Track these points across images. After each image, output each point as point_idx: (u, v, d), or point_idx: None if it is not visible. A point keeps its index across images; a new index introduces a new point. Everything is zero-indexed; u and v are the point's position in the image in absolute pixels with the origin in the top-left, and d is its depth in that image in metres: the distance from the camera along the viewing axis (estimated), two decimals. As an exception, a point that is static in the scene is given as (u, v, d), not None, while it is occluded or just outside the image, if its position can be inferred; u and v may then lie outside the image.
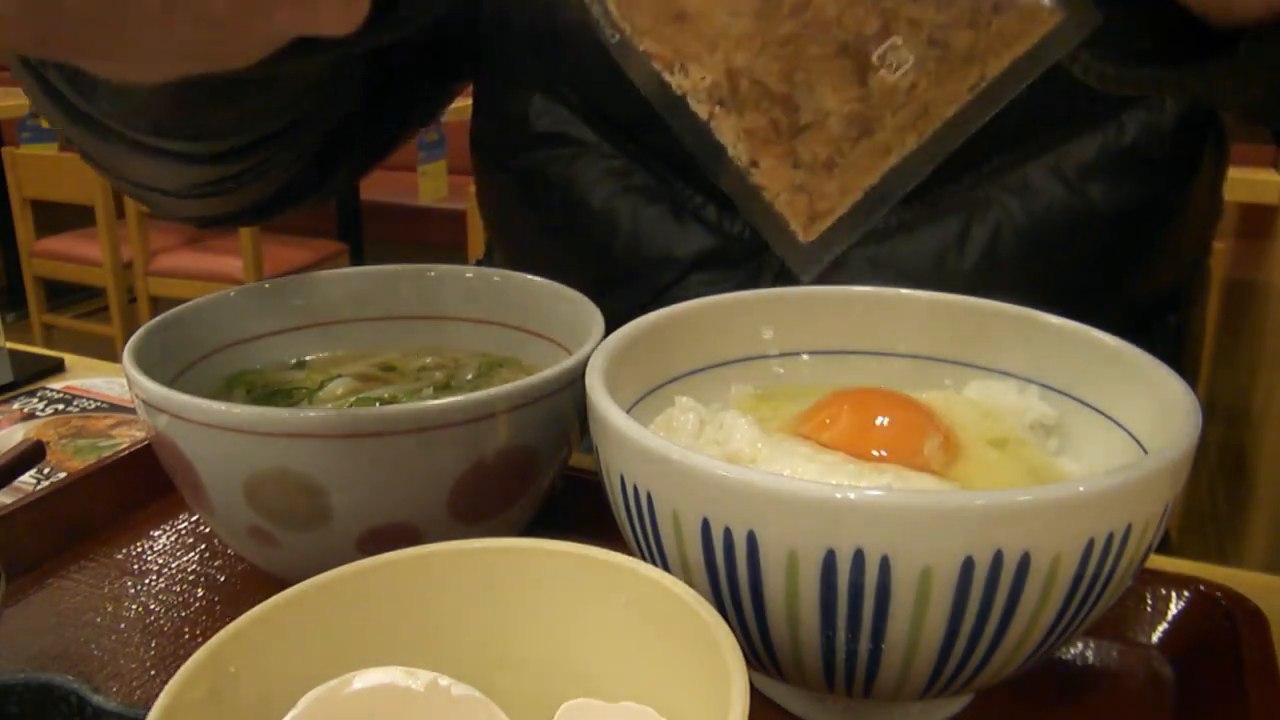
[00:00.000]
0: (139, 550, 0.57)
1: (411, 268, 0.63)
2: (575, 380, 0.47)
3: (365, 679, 0.30)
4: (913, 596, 0.35)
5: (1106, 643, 0.49)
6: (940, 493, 0.39)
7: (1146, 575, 0.49)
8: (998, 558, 0.34)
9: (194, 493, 0.49)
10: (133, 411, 0.77)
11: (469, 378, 0.59)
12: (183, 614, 0.52)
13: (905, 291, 0.53)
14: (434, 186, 2.66)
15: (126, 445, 0.65)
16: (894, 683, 0.38)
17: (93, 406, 0.79)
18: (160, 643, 0.50)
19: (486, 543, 0.35)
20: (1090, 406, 0.48)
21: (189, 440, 0.46)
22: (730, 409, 0.48)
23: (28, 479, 0.67)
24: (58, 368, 0.86)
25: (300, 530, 0.47)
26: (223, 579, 0.55)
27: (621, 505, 0.41)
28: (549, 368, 0.48)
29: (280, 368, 0.60)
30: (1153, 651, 0.49)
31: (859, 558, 0.34)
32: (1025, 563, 0.34)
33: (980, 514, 0.34)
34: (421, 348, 0.62)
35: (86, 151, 0.57)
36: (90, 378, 0.85)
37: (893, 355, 0.53)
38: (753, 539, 0.36)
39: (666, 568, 0.38)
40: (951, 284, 0.53)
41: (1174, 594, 0.50)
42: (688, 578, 0.38)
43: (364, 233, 3.61)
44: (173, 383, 0.51)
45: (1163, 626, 0.49)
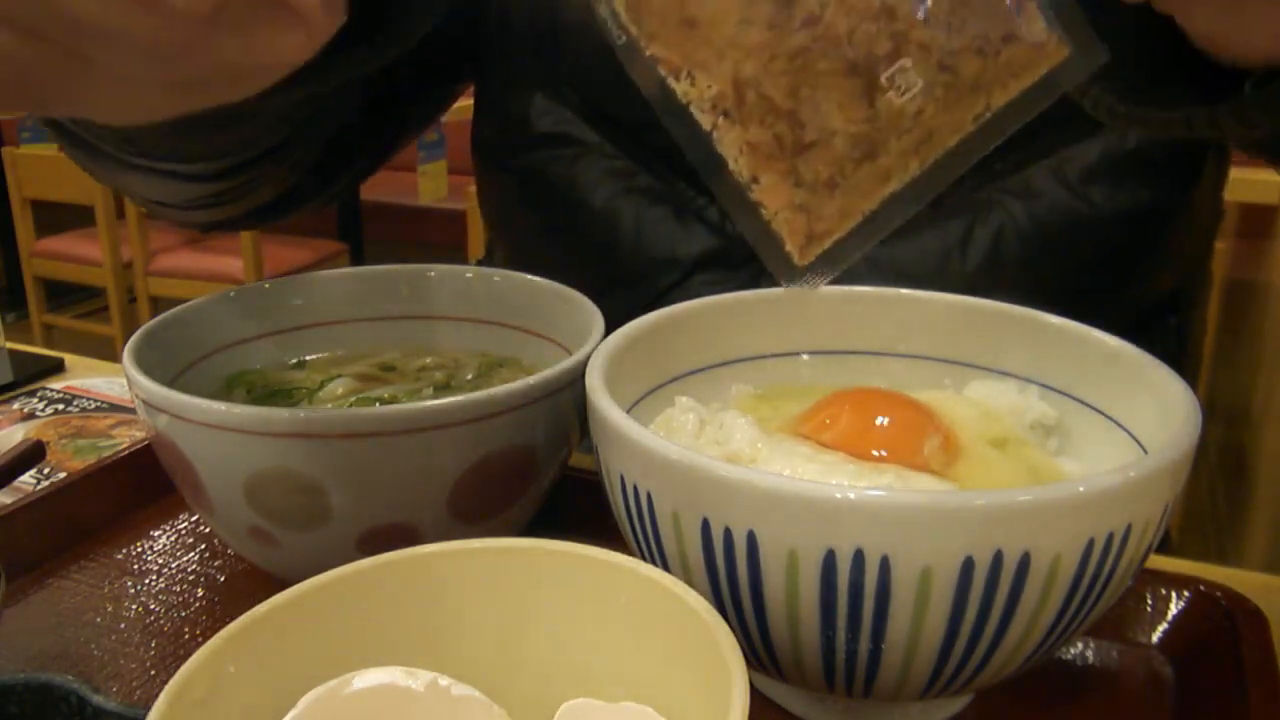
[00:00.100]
0: (139, 550, 0.57)
1: (411, 268, 0.63)
2: (575, 380, 0.47)
3: (365, 679, 0.30)
4: (913, 596, 0.35)
5: (1106, 643, 0.49)
6: (940, 493, 0.39)
7: (1146, 575, 0.49)
8: (998, 558, 0.34)
9: (194, 493, 0.49)
10: (133, 411, 0.77)
11: (469, 378, 0.59)
12: (183, 614, 0.52)
13: (905, 291, 0.53)
14: (434, 186, 2.66)
15: (126, 445, 0.65)
16: (894, 683, 0.38)
17: (93, 406, 0.79)
18: (160, 643, 0.50)
19: (486, 543, 0.35)
20: (1090, 406, 0.48)
21: (189, 440, 0.46)
22: (730, 409, 0.48)
23: (28, 479, 0.67)
24: (58, 368, 0.86)
25: (300, 530, 0.47)
26: (223, 579, 0.55)
27: (621, 505, 0.41)
28: (549, 368, 0.48)
29: (280, 368, 0.60)
30: (1153, 651, 0.49)
31: (859, 558, 0.34)
32: (1025, 563, 0.34)
33: (980, 514, 0.34)
34: (421, 348, 0.62)
35: (87, 167, 0.57)
36: (90, 378, 0.85)
37: (893, 355, 0.53)
38: (753, 539, 0.36)
39: (666, 568, 0.38)
40: (953, 285, 0.53)
41: (1174, 594, 0.50)
42: (688, 578, 0.38)
43: (364, 233, 3.62)
44: (173, 383, 0.51)
45: (1163, 626, 0.49)
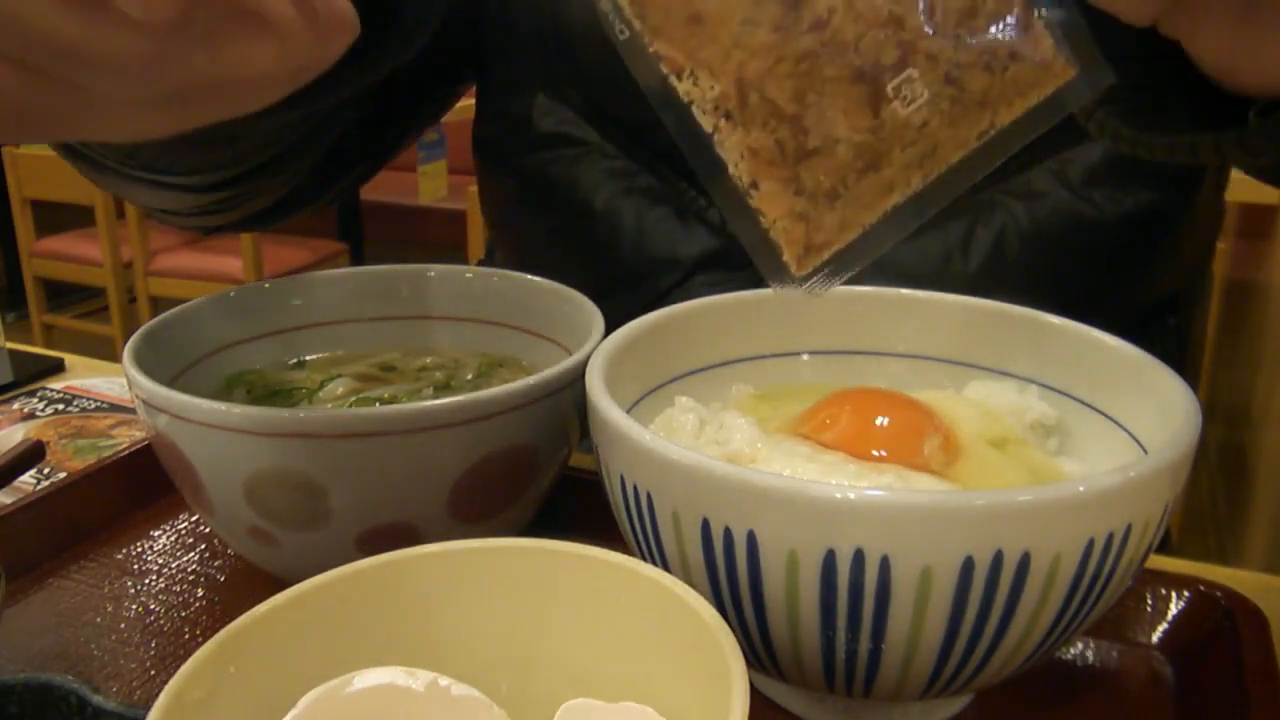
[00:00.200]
0: (139, 550, 0.57)
1: (411, 268, 0.63)
2: (575, 380, 0.47)
3: (365, 679, 0.30)
4: (913, 596, 0.35)
5: (1106, 643, 0.49)
6: (940, 493, 0.39)
7: (1146, 575, 0.49)
8: (998, 558, 0.34)
9: (194, 493, 0.49)
10: (133, 411, 0.77)
11: (469, 378, 0.59)
12: (183, 614, 0.52)
13: (905, 291, 0.53)
14: (434, 186, 2.66)
15: (126, 445, 0.65)
16: (894, 683, 0.38)
17: (93, 406, 0.79)
18: (160, 643, 0.50)
19: (486, 543, 0.35)
20: (1090, 406, 0.48)
21: (189, 440, 0.46)
22: (730, 409, 0.48)
23: (28, 479, 0.67)
24: (58, 368, 0.86)
25: (300, 530, 0.47)
26: (223, 579, 0.55)
27: (621, 505, 0.41)
28: (549, 368, 0.48)
29: (280, 368, 0.60)
30: (1153, 651, 0.49)
31: (859, 558, 0.34)
32: (1025, 563, 0.34)
33: (980, 514, 0.34)
34: (421, 348, 0.62)
35: (91, 178, 0.58)
36: (90, 378, 0.85)
37: (893, 355, 0.53)
38: (753, 539, 0.36)
39: (666, 568, 0.38)
40: (955, 286, 0.53)
41: (1174, 594, 0.50)
42: (688, 578, 0.38)
43: (364, 233, 3.62)
44: (173, 383, 0.51)
45: (1163, 626, 0.49)
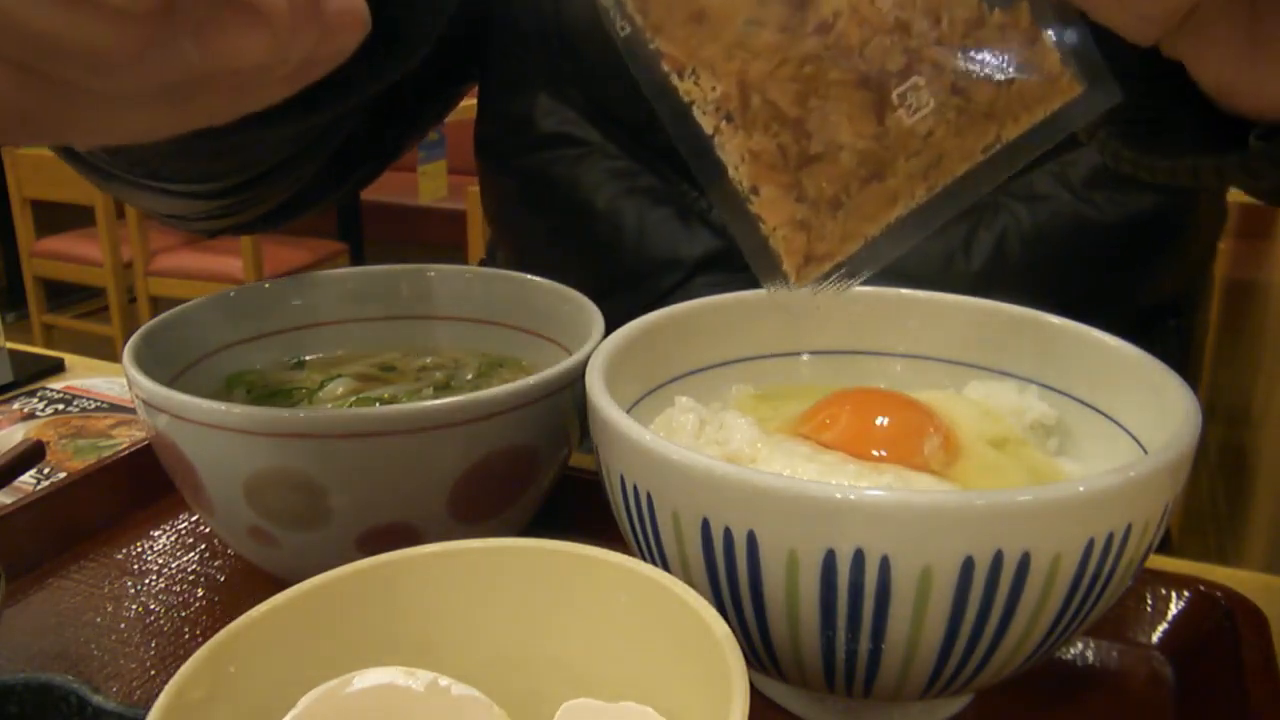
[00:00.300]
0: (139, 550, 0.57)
1: (411, 268, 0.63)
2: (575, 380, 0.47)
3: (365, 679, 0.30)
4: (913, 596, 0.35)
5: (1106, 643, 0.49)
6: (940, 493, 0.39)
7: (1146, 575, 0.49)
8: (998, 558, 0.34)
9: (194, 493, 0.49)
10: (133, 411, 0.77)
11: (469, 378, 0.59)
12: (183, 614, 0.52)
13: (905, 291, 0.53)
14: (434, 186, 2.66)
15: (126, 445, 0.65)
16: (894, 683, 0.38)
17: (93, 406, 0.79)
18: (160, 643, 0.50)
19: (486, 543, 0.35)
20: (1090, 406, 0.48)
21: (189, 440, 0.46)
22: (730, 409, 0.48)
23: (28, 479, 0.67)
24: (58, 368, 0.86)
25: (300, 530, 0.47)
26: (223, 579, 0.55)
27: (621, 505, 0.41)
28: (549, 368, 0.48)
29: (280, 368, 0.60)
30: (1153, 651, 0.49)
31: (859, 558, 0.34)
32: (1025, 563, 0.34)
33: (980, 514, 0.34)
34: (421, 348, 0.62)
35: (98, 185, 0.58)
36: (90, 378, 0.85)
37: (893, 355, 0.53)
38: (753, 539, 0.36)
39: (666, 568, 0.38)
40: (956, 288, 0.53)
41: (1174, 594, 0.50)
42: (688, 578, 0.38)
43: (364, 233, 3.62)
44: (173, 383, 0.51)
45: (1163, 626, 0.49)
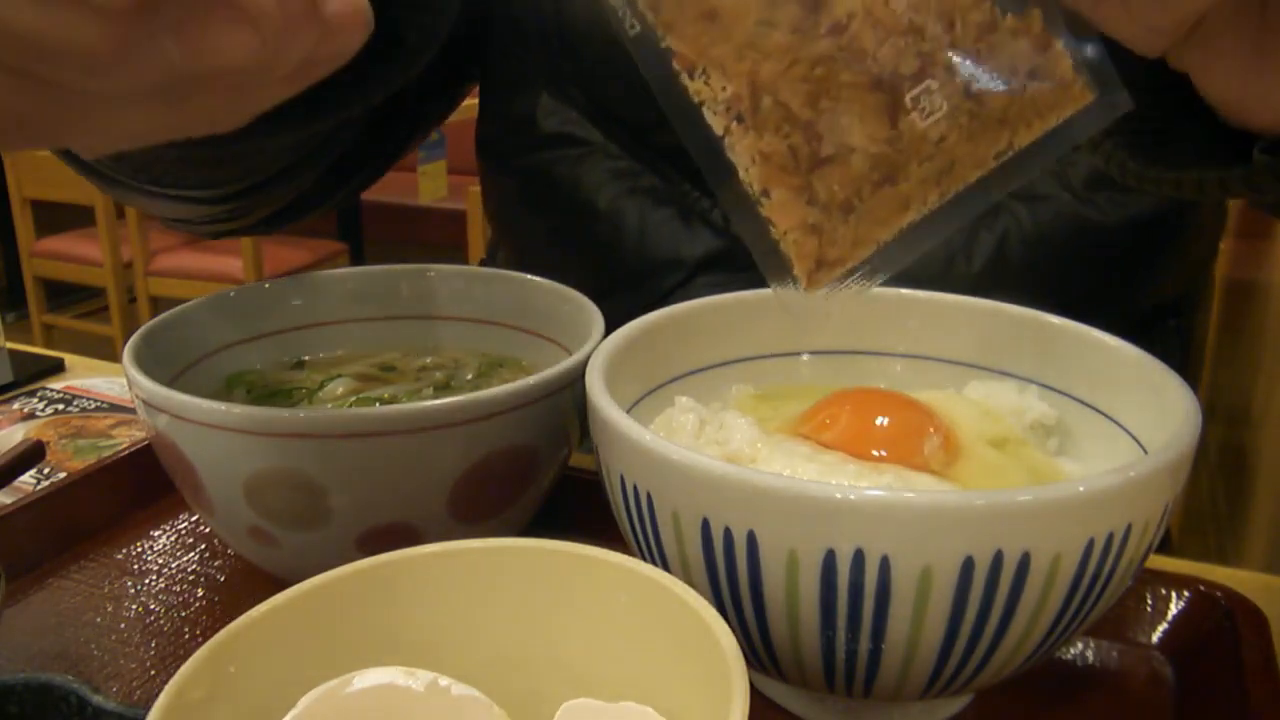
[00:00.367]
0: (139, 550, 0.57)
1: (411, 268, 0.63)
2: (575, 380, 0.47)
3: (365, 679, 0.30)
4: (913, 596, 0.35)
5: (1106, 643, 0.49)
6: (940, 493, 0.39)
7: (1146, 575, 0.49)
8: (998, 558, 0.34)
9: (194, 493, 0.49)
10: (133, 411, 0.77)
11: (469, 378, 0.59)
12: (183, 614, 0.52)
13: (905, 291, 0.53)
14: (434, 186, 2.66)
15: (126, 445, 0.65)
16: (894, 683, 0.38)
17: (93, 406, 0.79)
18: (160, 643, 0.50)
19: (486, 543, 0.35)
20: (1090, 406, 0.48)
21: (189, 440, 0.46)
22: (730, 409, 0.48)
23: (28, 479, 0.67)
24: (58, 368, 0.86)
25: (300, 530, 0.47)
26: (223, 579, 0.55)
27: (621, 505, 0.41)
28: (549, 368, 0.48)
29: (280, 368, 0.60)
30: (1153, 651, 0.49)
31: (859, 558, 0.34)
32: (1025, 563, 0.34)
33: (980, 514, 0.34)
34: (421, 348, 0.62)
35: (104, 190, 0.58)
36: (90, 378, 0.84)
37: (893, 355, 0.53)
38: (753, 539, 0.36)
39: (666, 568, 0.38)
40: (957, 289, 0.52)
41: (1174, 594, 0.50)
42: (688, 578, 0.38)
43: (364, 233, 3.62)
44: (173, 383, 0.51)
45: (1163, 626, 0.49)
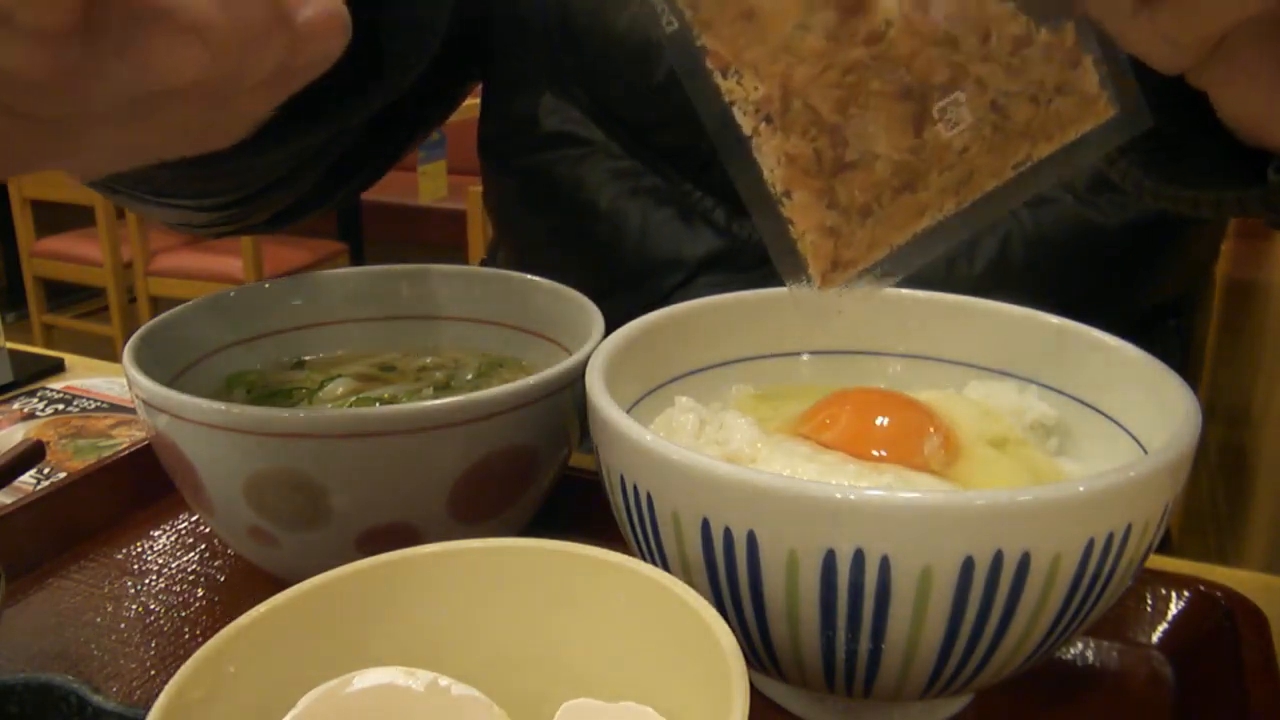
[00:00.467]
0: (139, 550, 0.57)
1: (411, 268, 0.63)
2: (575, 380, 0.47)
3: (365, 679, 0.30)
4: (913, 596, 0.35)
5: (1106, 643, 0.49)
6: (940, 493, 0.39)
7: (1146, 575, 0.49)
8: (998, 558, 0.34)
9: (194, 493, 0.49)
10: (133, 411, 0.77)
11: (469, 378, 0.59)
12: (183, 614, 0.52)
13: (905, 291, 0.53)
14: (434, 186, 2.66)
15: (126, 445, 0.65)
16: (894, 683, 0.38)
17: (93, 406, 0.79)
18: (160, 643, 0.50)
19: (486, 543, 0.35)
20: (1090, 406, 0.48)
21: (189, 440, 0.46)
22: (730, 409, 0.48)
23: (28, 479, 0.67)
24: (58, 368, 0.86)
25: (300, 530, 0.47)
26: (223, 579, 0.55)
27: (621, 505, 0.41)
28: (549, 368, 0.48)
29: (280, 368, 0.60)
30: (1153, 651, 0.49)
31: (859, 558, 0.34)
32: (1025, 563, 0.34)
33: (980, 514, 0.34)
34: (421, 348, 0.62)
35: (108, 198, 0.58)
36: (90, 378, 0.84)
37: (893, 355, 0.53)
38: (753, 539, 0.36)
39: (666, 568, 0.38)
40: (959, 290, 0.52)
41: (1174, 594, 0.50)
42: (688, 578, 0.38)
43: (364, 233, 3.62)
44: (173, 383, 0.51)
45: (1163, 626, 0.49)
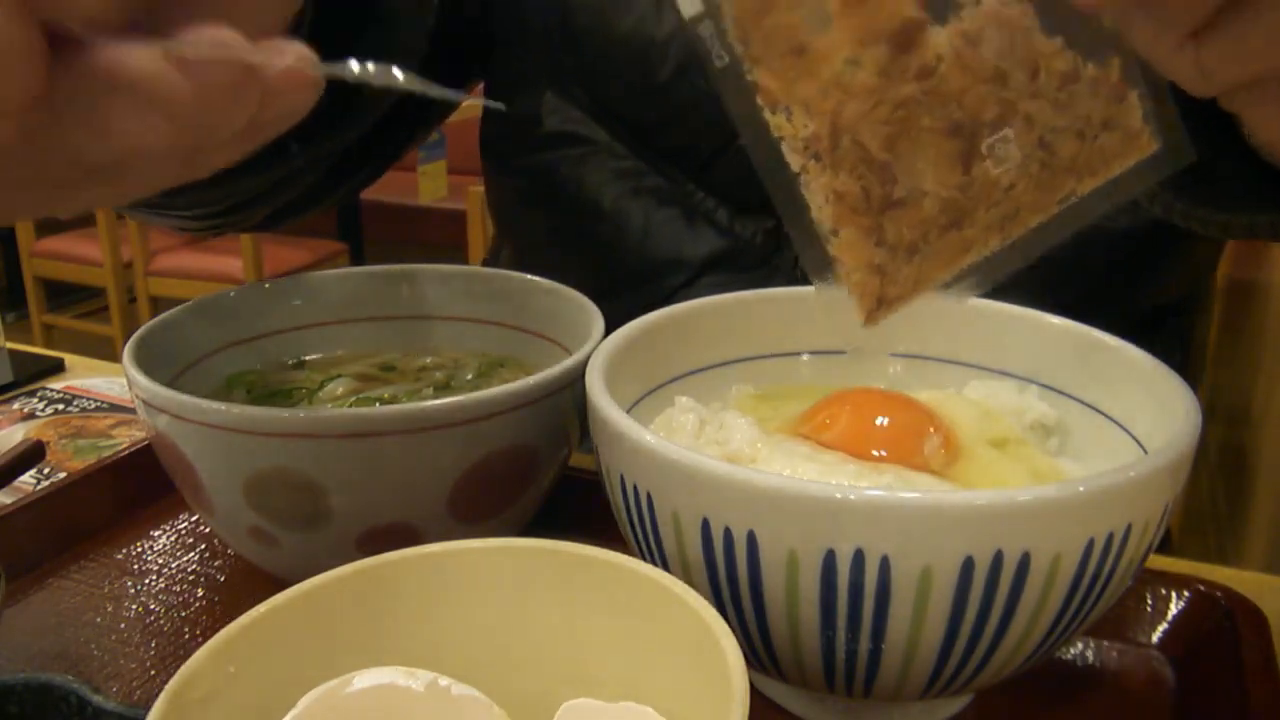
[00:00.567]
0: (139, 550, 0.57)
1: (411, 268, 0.63)
2: (575, 380, 0.47)
3: (365, 679, 0.30)
4: (913, 596, 0.35)
5: (1106, 643, 0.49)
6: (940, 493, 0.39)
7: (1146, 575, 0.49)
8: (998, 558, 0.34)
9: (194, 493, 0.49)
10: (133, 411, 0.77)
11: (469, 378, 0.59)
12: (183, 614, 0.52)
13: (905, 291, 0.53)
14: (434, 186, 2.66)
15: (126, 445, 0.65)
16: (894, 683, 0.38)
17: (93, 406, 0.79)
18: (160, 643, 0.50)
19: (486, 543, 0.35)
20: (1090, 406, 0.48)
21: (189, 440, 0.46)
22: (730, 409, 0.48)
23: (28, 479, 0.67)
24: (58, 368, 0.86)
25: (300, 530, 0.47)
26: (223, 579, 0.55)
27: (621, 505, 0.41)
28: (549, 368, 0.48)
29: (280, 368, 0.60)
30: (1153, 651, 0.49)
31: (859, 558, 0.34)
32: (1025, 563, 0.34)
33: (980, 514, 0.34)
34: (421, 348, 0.62)
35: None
36: (90, 378, 0.84)
37: (893, 355, 0.53)
38: (753, 539, 0.36)
39: (666, 568, 0.38)
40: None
41: (1174, 594, 0.50)
42: (688, 578, 0.38)
43: (364, 233, 3.62)
44: (173, 383, 0.51)
45: (1163, 626, 0.49)
